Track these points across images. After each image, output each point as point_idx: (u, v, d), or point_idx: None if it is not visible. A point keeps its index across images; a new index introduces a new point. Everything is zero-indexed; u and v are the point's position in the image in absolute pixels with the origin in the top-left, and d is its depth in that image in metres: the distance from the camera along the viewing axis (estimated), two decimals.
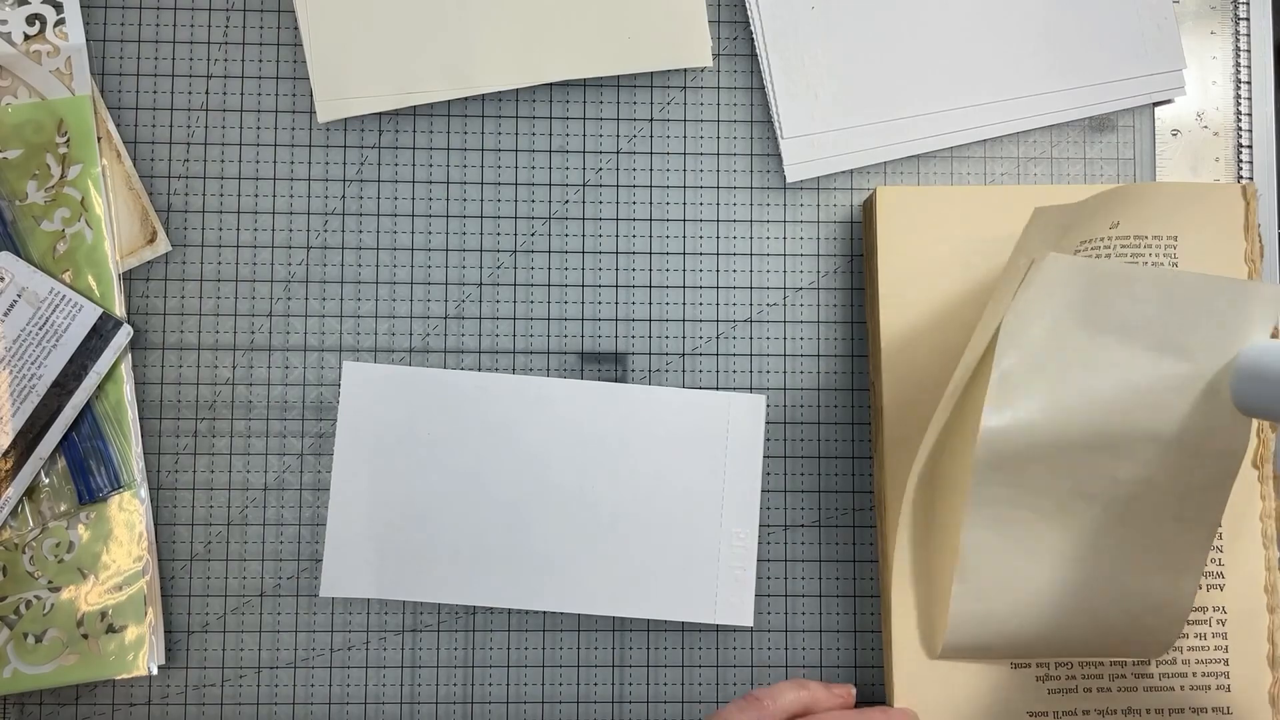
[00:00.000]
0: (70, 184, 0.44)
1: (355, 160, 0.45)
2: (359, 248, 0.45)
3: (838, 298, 0.46)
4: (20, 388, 0.43)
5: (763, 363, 0.45)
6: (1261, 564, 0.42)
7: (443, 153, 0.46)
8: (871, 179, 0.46)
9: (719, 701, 0.44)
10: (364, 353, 0.45)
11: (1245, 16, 0.48)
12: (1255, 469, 0.42)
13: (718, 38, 0.46)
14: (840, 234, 0.46)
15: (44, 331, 0.43)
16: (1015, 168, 0.47)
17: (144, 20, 0.45)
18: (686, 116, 0.46)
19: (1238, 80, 0.48)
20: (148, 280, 0.45)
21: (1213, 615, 0.42)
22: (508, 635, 0.44)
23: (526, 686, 0.44)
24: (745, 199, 0.46)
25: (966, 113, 0.46)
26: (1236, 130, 0.48)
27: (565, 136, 0.46)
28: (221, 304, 0.45)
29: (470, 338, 0.45)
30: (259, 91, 0.45)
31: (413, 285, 0.45)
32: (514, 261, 0.46)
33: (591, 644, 0.44)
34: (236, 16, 0.46)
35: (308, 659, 0.44)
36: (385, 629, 0.44)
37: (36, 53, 0.44)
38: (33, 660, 0.42)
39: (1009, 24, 0.46)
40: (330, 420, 0.44)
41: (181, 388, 0.45)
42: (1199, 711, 0.41)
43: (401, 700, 0.44)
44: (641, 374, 0.45)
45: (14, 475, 0.42)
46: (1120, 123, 0.47)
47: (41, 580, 0.43)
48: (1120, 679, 0.42)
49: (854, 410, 0.45)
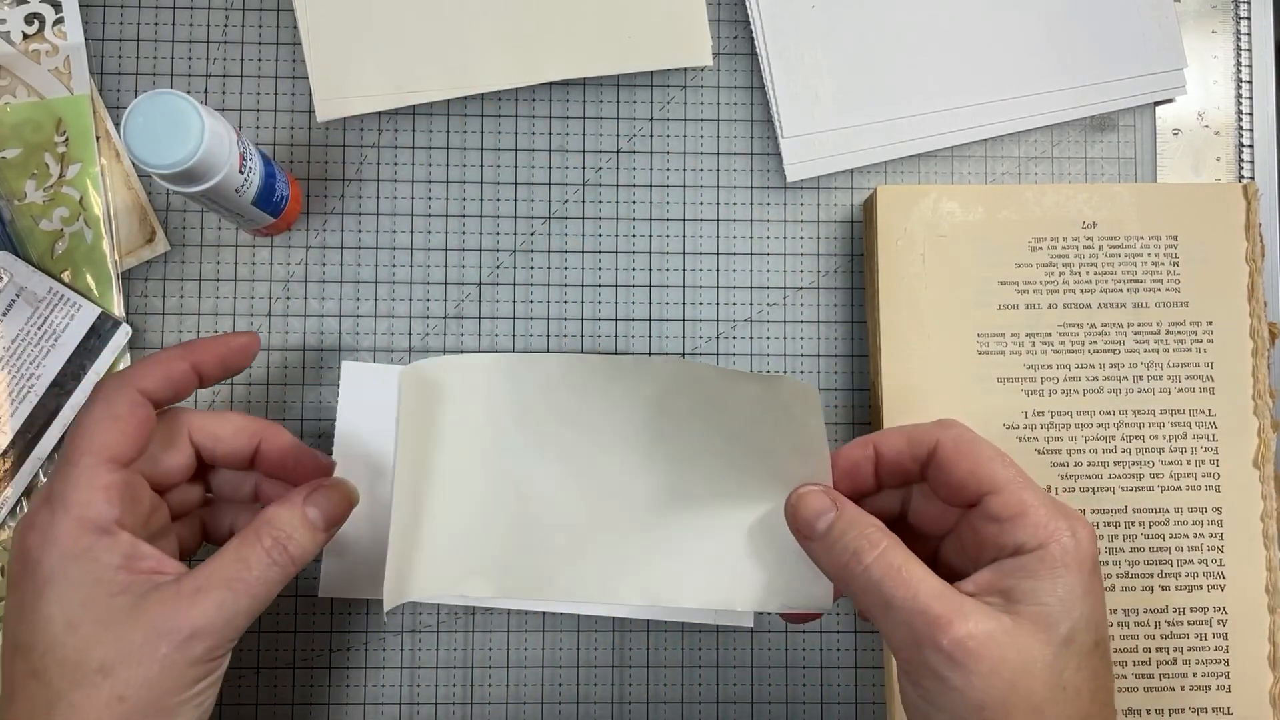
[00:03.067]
0: (69, 183, 0.44)
1: (354, 160, 0.45)
2: (358, 247, 0.45)
3: (838, 298, 0.46)
4: (19, 387, 0.43)
5: (763, 363, 0.45)
6: (1262, 564, 0.42)
7: (442, 152, 0.46)
8: (871, 179, 0.46)
9: (719, 702, 0.44)
10: (363, 353, 0.45)
11: (1246, 16, 0.48)
12: (1255, 469, 0.42)
13: (718, 37, 0.46)
14: (840, 234, 0.46)
15: (42, 331, 0.43)
16: (1016, 167, 0.47)
17: (143, 20, 0.45)
18: (686, 116, 0.46)
19: (1239, 79, 0.48)
20: (146, 280, 0.45)
21: (1213, 615, 0.42)
22: (507, 635, 0.44)
23: (526, 687, 0.44)
24: (745, 199, 0.46)
25: (967, 112, 0.46)
26: (1237, 129, 0.48)
27: (565, 136, 0.46)
28: (221, 304, 0.45)
29: (470, 338, 0.45)
30: (259, 91, 0.45)
31: (412, 285, 0.45)
32: (514, 261, 0.46)
33: (591, 644, 0.44)
34: (236, 16, 0.45)
35: (308, 659, 0.44)
36: (385, 629, 0.44)
37: (35, 52, 0.44)
38: None
39: (1010, 23, 0.46)
40: (330, 420, 0.44)
41: None
42: (1199, 711, 0.41)
43: (401, 700, 0.44)
44: None
45: (12, 475, 0.42)
46: (1121, 122, 0.47)
47: None
48: (1120, 679, 0.42)
49: (854, 410, 0.45)
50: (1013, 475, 0.32)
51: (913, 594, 0.30)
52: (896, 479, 0.36)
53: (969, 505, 0.33)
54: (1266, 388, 0.43)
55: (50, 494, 0.30)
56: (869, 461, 0.35)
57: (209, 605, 0.30)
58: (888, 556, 0.32)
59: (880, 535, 0.33)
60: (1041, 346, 0.43)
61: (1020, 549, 0.31)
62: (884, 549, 0.32)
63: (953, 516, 0.35)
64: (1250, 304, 0.43)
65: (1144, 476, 0.42)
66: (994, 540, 0.32)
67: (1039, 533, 0.31)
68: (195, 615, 0.30)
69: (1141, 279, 0.43)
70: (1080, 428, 0.42)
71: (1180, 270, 0.43)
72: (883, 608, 0.31)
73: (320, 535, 0.34)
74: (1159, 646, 0.42)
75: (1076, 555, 0.31)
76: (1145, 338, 0.43)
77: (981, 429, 0.42)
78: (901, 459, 0.35)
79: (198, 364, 0.35)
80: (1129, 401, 0.43)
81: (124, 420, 0.31)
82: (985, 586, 0.31)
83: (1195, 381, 0.43)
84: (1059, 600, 0.30)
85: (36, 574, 0.29)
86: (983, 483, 0.32)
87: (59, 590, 0.29)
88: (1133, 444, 0.42)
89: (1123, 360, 0.43)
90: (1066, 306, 0.43)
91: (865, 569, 0.32)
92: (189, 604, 0.30)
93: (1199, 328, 0.43)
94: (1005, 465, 0.33)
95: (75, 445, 0.31)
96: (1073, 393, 0.43)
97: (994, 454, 0.33)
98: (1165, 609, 0.42)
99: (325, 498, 0.35)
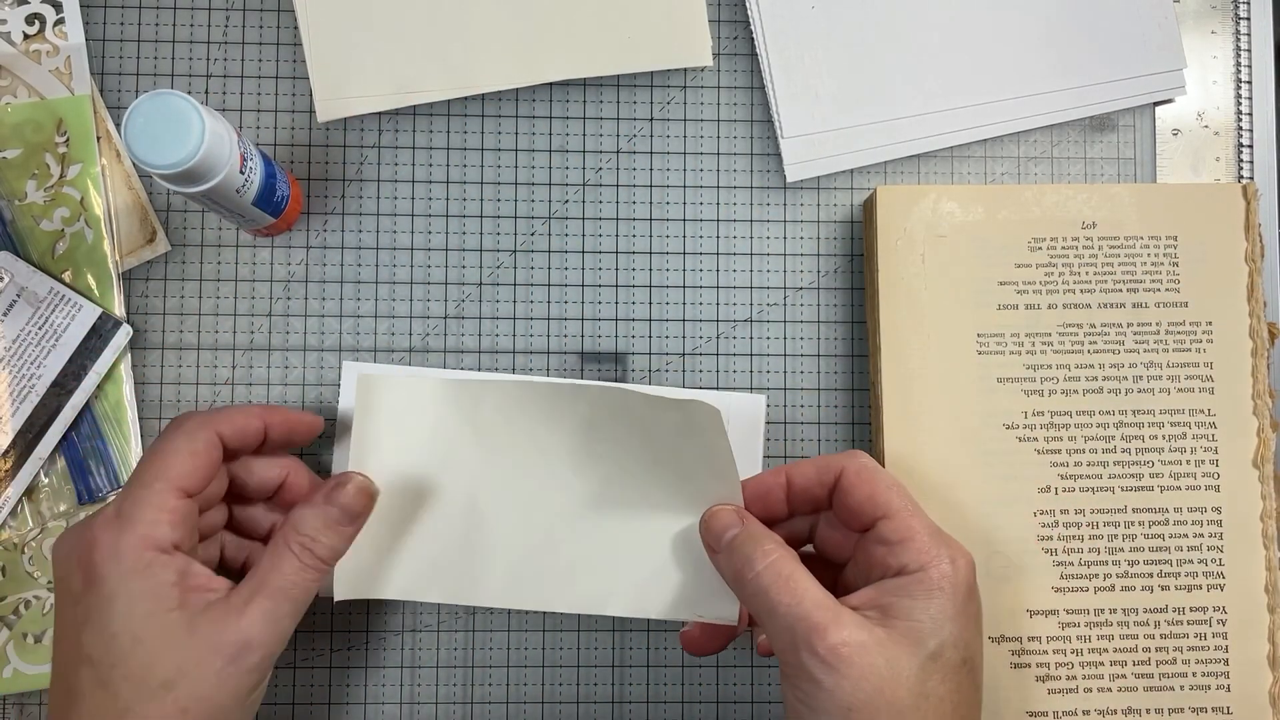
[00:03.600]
0: (70, 184, 0.44)
1: (355, 160, 0.45)
2: (359, 247, 0.45)
3: (838, 298, 0.46)
4: (20, 388, 0.43)
5: (763, 363, 0.45)
6: (1261, 564, 0.42)
7: (442, 152, 0.46)
8: (871, 179, 0.46)
9: (719, 701, 0.44)
10: (364, 353, 0.45)
11: (1246, 16, 0.48)
12: (1255, 469, 0.42)
13: (718, 37, 0.46)
14: (840, 234, 0.46)
15: (43, 331, 0.43)
16: (1016, 167, 0.47)
17: (144, 20, 0.45)
18: (686, 116, 0.46)
19: (1238, 80, 0.48)
20: (147, 280, 0.45)
21: (1213, 615, 0.42)
22: (508, 635, 0.44)
23: (526, 686, 0.44)
24: (745, 199, 0.46)
25: (966, 112, 0.46)
26: (1237, 130, 0.48)
27: (565, 136, 0.46)
28: (221, 304, 0.45)
29: (470, 338, 0.45)
30: (259, 91, 0.45)
31: (412, 285, 0.45)
32: (514, 261, 0.46)
33: (591, 644, 0.44)
34: (236, 16, 0.46)
35: (308, 659, 0.44)
36: (385, 629, 0.44)
37: (36, 52, 0.44)
38: (33, 660, 0.42)
39: (1010, 23, 0.46)
40: (330, 420, 0.44)
41: (181, 388, 0.44)
42: (1199, 711, 0.41)
43: (401, 700, 0.44)
44: (641, 374, 0.45)
45: (13, 475, 0.42)
46: (1121, 122, 0.47)
47: (41, 580, 0.43)
48: (1121, 679, 0.42)
49: (854, 410, 0.45)
50: (905, 504, 0.35)
51: (796, 601, 0.33)
52: (806, 506, 0.39)
53: (865, 529, 0.36)
54: (1266, 387, 0.43)
55: (119, 512, 0.32)
56: (780, 488, 0.38)
57: (255, 617, 0.33)
58: (777, 566, 0.34)
59: (775, 547, 0.35)
60: (1041, 346, 0.43)
61: (903, 570, 0.34)
62: (775, 559, 0.35)
63: (853, 543, 0.38)
64: (1250, 304, 0.43)
65: (1143, 476, 0.42)
66: (882, 561, 0.35)
67: (920, 557, 0.34)
68: (244, 627, 0.32)
69: (1141, 279, 0.43)
70: (1080, 428, 0.42)
71: (1180, 270, 0.43)
72: (769, 613, 0.34)
73: (347, 530, 0.36)
74: (1159, 646, 0.42)
75: (952, 580, 0.33)
76: (1145, 338, 0.43)
77: (981, 429, 0.43)
78: (810, 485, 0.38)
79: (270, 426, 0.38)
80: (1129, 401, 0.43)
81: (199, 456, 0.34)
82: (867, 601, 0.34)
83: (1195, 381, 0.43)
84: (930, 618, 0.33)
85: (102, 588, 0.31)
86: (878, 508, 0.35)
87: (123, 605, 0.31)
88: (1132, 444, 0.42)
89: (1122, 360, 0.43)
90: (1066, 307, 0.43)
91: (756, 576, 0.34)
92: (237, 617, 0.32)
93: (1199, 328, 0.43)
94: (899, 495, 0.36)
95: (151, 470, 0.33)
96: (1072, 393, 0.43)
97: (891, 483, 0.36)
98: (1165, 609, 0.42)
99: (346, 495, 0.37)
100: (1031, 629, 0.42)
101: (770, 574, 0.34)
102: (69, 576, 0.32)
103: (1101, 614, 0.42)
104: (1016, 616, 0.42)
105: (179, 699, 0.31)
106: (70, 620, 0.32)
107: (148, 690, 0.31)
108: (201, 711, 0.31)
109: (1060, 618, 0.42)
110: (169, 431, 0.35)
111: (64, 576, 0.33)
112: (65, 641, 0.32)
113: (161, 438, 0.35)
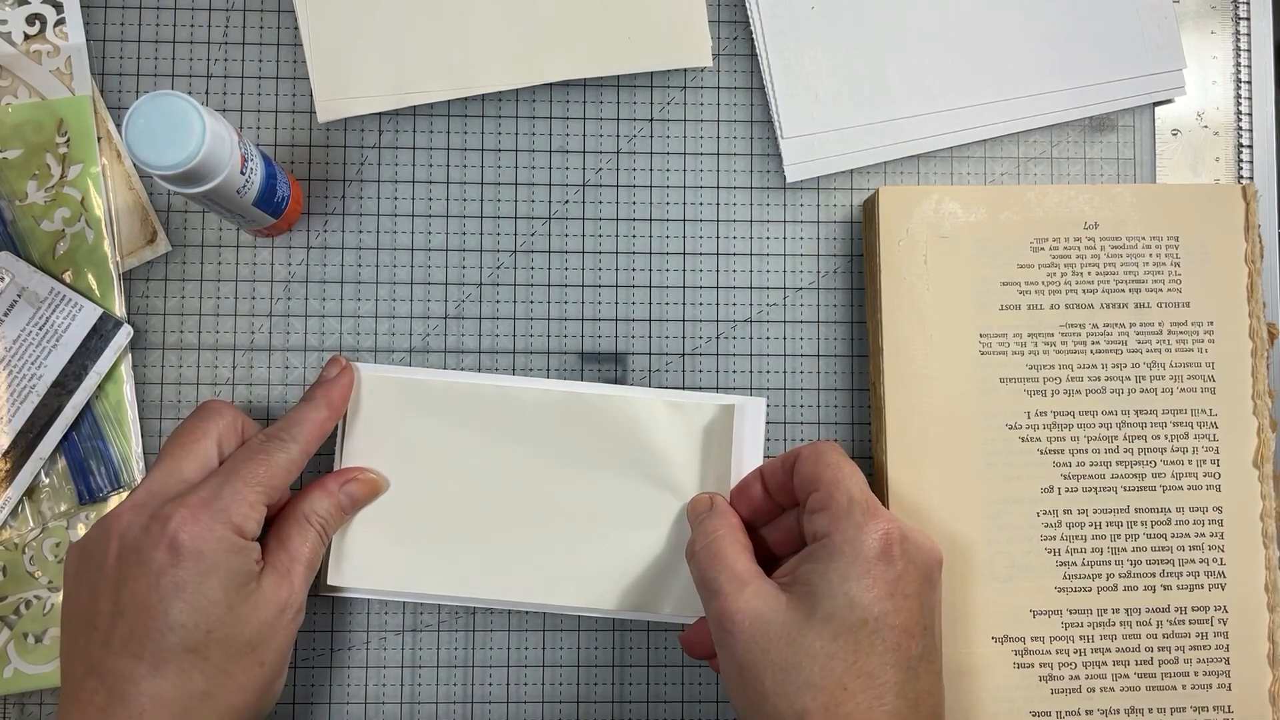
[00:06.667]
0: (70, 184, 0.44)
1: (355, 160, 0.45)
2: (359, 248, 0.45)
3: (838, 298, 0.46)
4: (20, 388, 0.43)
5: (763, 363, 0.45)
6: (1261, 563, 0.42)
7: (442, 153, 0.46)
8: (871, 179, 0.46)
9: (719, 701, 0.44)
10: (364, 353, 0.45)
11: (1245, 16, 0.48)
12: (1255, 468, 0.42)
13: (718, 38, 0.46)
14: (840, 234, 0.46)
15: (44, 331, 0.43)
16: (1015, 167, 0.47)
17: (144, 20, 0.45)
18: (686, 116, 0.46)
19: (1238, 80, 0.48)
20: (148, 280, 0.45)
21: (1214, 614, 0.42)
22: (508, 635, 0.44)
23: (526, 686, 0.44)
24: (745, 199, 0.46)
25: (966, 113, 0.46)
26: (1237, 130, 0.48)
27: (565, 136, 0.46)
28: (221, 304, 0.45)
29: (470, 338, 0.45)
30: (259, 91, 0.45)
31: (412, 285, 0.45)
32: (514, 261, 0.46)
33: (591, 644, 0.44)
34: (236, 16, 0.46)
35: (308, 659, 0.44)
36: (385, 629, 0.44)
37: (36, 52, 0.44)
38: (33, 660, 0.42)
39: (1009, 24, 0.46)
40: None
41: (181, 388, 0.44)
42: (1200, 710, 0.41)
43: (401, 700, 0.44)
44: (641, 374, 0.45)
45: (14, 475, 0.42)
46: (1120, 122, 0.47)
47: (42, 580, 0.43)
48: (1124, 679, 0.41)
49: (854, 410, 0.45)
50: (838, 477, 0.37)
51: (716, 573, 0.36)
52: (783, 497, 0.40)
53: None
54: (1266, 387, 0.43)
55: (217, 497, 0.36)
56: (757, 483, 0.41)
57: (299, 582, 0.38)
58: (716, 544, 0.37)
59: (720, 526, 0.38)
60: (1044, 347, 0.43)
61: (815, 537, 0.36)
62: (716, 536, 0.38)
63: None
64: (1250, 304, 0.43)
65: (1146, 476, 0.42)
66: (809, 531, 0.37)
67: (830, 524, 0.36)
68: (297, 590, 0.38)
69: (1143, 279, 0.43)
70: (1082, 428, 0.42)
71: (1181, 271, 0.43)
72: (700, 585, 0.37)
73: (348, 516, 0.42)
74: (1160, 645, 0.42)
75: (855, 546, 0.35)
76: (1147, 338, 0.43)
77: (984, 429, 0.42)
78: (777, 473, 0.40)
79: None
80: (1131, 401, 0.43)
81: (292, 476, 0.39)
82: (786, 570, 0.36)
83: (1197, 381, 0.43)
84: (826, 582, 0.34)
85: (199, 562, 0.35)
86: (816, 480, 0.37)
87: (219, 579, 0.35)
88: (1134, 444, 0.42)
89: (1125, 360, 0.43)
90: (1068, 307, 0.43)
91: (694, 554, 0.38)
92: (290, 583, 0.38)
93: (1200, 328, 0.43)
94: (837, 469, 0.37)
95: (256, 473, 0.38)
96: (1075, 393, 0.43)
97: (837, 460, 0.37)
98: (1167, 608, 0.42)
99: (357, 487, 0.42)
100: (1035, 629, 0.42)
101: (705, 552, 0.37)
102: (151, 550, 0.35)
103: (1105, 614, 0.42)
104: (1020, 616, 0.42)
105: (258, 654, 0.36)
106: (153, 590, 0.35)
107: (235, 649, 0.36)
108: (274, 661, 0.37)
109: (1064, 618, 0.42)
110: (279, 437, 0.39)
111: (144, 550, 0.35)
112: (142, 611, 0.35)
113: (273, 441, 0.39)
